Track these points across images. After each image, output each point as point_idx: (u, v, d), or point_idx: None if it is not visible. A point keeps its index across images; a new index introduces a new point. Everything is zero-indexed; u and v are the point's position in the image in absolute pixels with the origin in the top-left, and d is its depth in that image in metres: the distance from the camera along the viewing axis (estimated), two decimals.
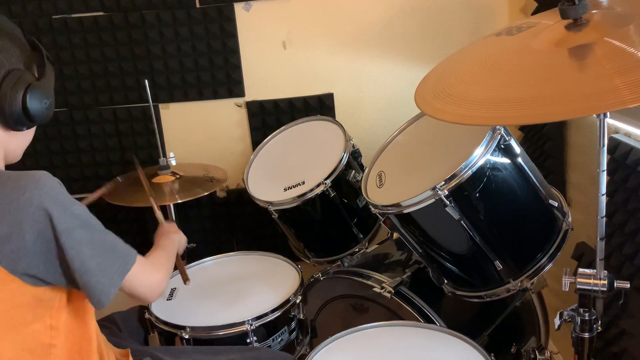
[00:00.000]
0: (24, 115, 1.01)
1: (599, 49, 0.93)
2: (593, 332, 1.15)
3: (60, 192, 0.97)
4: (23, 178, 0.95)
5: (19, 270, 0.94)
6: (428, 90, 1.12)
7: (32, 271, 0.95)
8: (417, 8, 2.09)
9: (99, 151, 2.28)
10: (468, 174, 1.28)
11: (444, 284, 1.53)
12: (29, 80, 1.01)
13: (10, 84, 0.98)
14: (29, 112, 1.00)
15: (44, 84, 1.04)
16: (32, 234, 0.94)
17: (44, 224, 0.94)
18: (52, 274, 0.98)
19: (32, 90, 1.00)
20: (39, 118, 1.03)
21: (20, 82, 1.00)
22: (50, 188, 0.96)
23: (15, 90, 0.99)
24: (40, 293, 0.98)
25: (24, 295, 0.97)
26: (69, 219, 0.97)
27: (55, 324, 1.02)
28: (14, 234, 0.93)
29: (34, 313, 0.99)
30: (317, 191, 1.69)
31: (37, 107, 1.01)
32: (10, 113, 0.99)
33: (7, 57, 0.99)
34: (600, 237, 1.10)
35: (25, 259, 0.94)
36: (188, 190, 1.85)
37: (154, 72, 2.18)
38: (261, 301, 1.56)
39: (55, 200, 0.95)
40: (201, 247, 2.08)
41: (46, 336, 1.01)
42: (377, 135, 2.16)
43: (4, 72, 0.99)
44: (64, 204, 0.97)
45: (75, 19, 2.14)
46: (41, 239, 0.95)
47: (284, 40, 2.15)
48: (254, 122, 2.23)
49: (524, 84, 0.96)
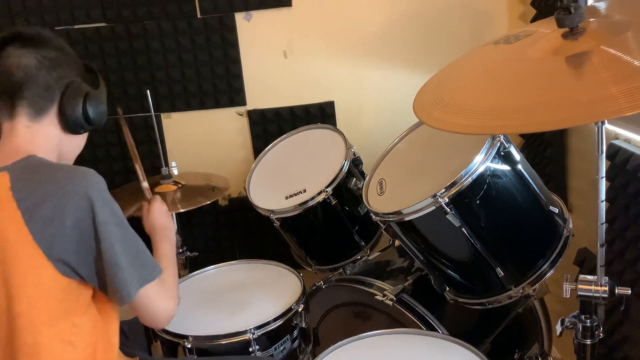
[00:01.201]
0: (83, 118, 1.15)
1: (595, 57, 0.94)
2: (595, 338, 1.15)
3: (104, 188, 1.07)
4: (74, 169, 1.07)
5: (54, 254, 1.00)
6: (426, 99, 1.13)
7: (66, 257, 1.01)
8: (416, 16, 2.10)
9: (102, 161, 2.30)
10: (468, 182, 1.28)
11: (446, 291, 1.53)
12: (87, 89, 1.17)
13: (72, 91, 1.14)
14: (88, 116, 1.15)
15: (99, 92, 1.20)
16: (72, 221, 1.01)
17: (85, 213, 1.02)
18: (83, 264, 1.03)
19: (91, 97, 1.16)
20: (96, 121, 1.17)
21: (80, 90, 1.15)
22: (96, 182, 1.05)
23: (76, 96, 1.14)
24: (68, 286, 1.03)
25: (54, 284, 1.02)
26: (108, 214, 1.05)
27: (78, 322, 1.07)
28: (56, 218, 1.00)
29: (61, 306, 1.04)
30: (318, 199, 1.69)
31: (94, 111, 1.16)
32: (71, 116, 1.14)
33: (69, 70, 1.15)
34: (600, 244, 1.10)
35: (62, 244, 1.01)
36: (190, 199, 1.86)
37: (155, 82, 2.19)
38: (263, 310, 1.56)
39: (99, 194, 1.04)
40: (203, 256, 2.09)
41: (68, 333, 1.05)
42: (378, 142, 2.15)
43: (67, 82, 1.14)
44: (106, 200, 1.06)
45: (78, 30, 2.16)
46: (79, 226, 1.02)
47: (284, 49, 2.16)
48: (255, 131, 2.24)
49: (522, 92, 0.97)
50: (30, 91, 1.09)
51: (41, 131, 1.12)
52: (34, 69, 1.09)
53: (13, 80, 1.08)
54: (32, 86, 1.09)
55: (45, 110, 1.12)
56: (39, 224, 1.00)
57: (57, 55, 1.13)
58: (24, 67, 1.08)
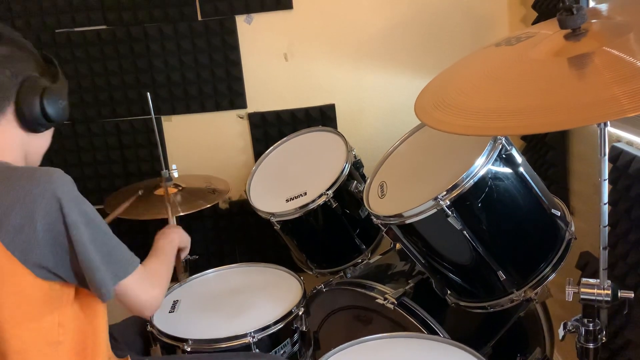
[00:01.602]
0: (41, 115, 1.09)
1: (598, 59, 0.93)
2: (598, 342, 1.14)
3: (71, 188, 1.03)
4: (38, 172, 1.02)
5: (30, 260, 0.98)
6: (428, 101, 1.12)
7: (43, 262, 0.99)
8: (417, 19, 2.10)
9: (102, 164, 2.29)
10: (470, 184, 1.28)
11: (447, 294, 1.53)
12: (44, 84, 1.10)
13: (28, 88, 1.08)
14: (46, 112, 1.09)
15: (58, 87, 1.13)
16: (44, 225, 0.98)
17: (55, 215, 0.99)
18: (61, 266, 1.02)
19: (48, 92, 1.10)
20: (56, 117, 1.11)
21: (37, 86, 1.09)
22: (63, 182, 1.01)
23: (32, 93, 1.08)
24: (50, 288, 1.02)
25: (35, 289, 1.00)
26: (77, 214, 1.02)
27: (63, 321, 1.05)
28: (26, 224, 0.97)
29: (44, 309, 1.02)
30: (319, 202, 1.68)
31: (53, 107, 1.10)
32: (30, 115, 1.08)
33: (25, 66, 1.09)
34: (603, 247, 1.09)
35: (37, 250, 0.99)
36: (190, 202, 1.85)
37: (156, 85, 2.19)
38: (264, 313, 1.55)
39: (67, 194, 1.01)
40: (204, 259, 2.08)
41: (54, 333, 1.04)
42: (379, 145, 2.16)
43: (22, 79, 1.08)
44: (74, 199, 1.02)
45: (78, 32, 2.16)
46: (52, 230, 0.99)
47: (285, 52, 2.16)
48: (255, 134, 2.24)
49: (524, 94, 0.97)
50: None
51: (1, 133, 1.07)
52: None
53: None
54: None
55: (1, 110, 1.06)
56: (10, 233, 0.97)
57: (10, 51, 1.07)
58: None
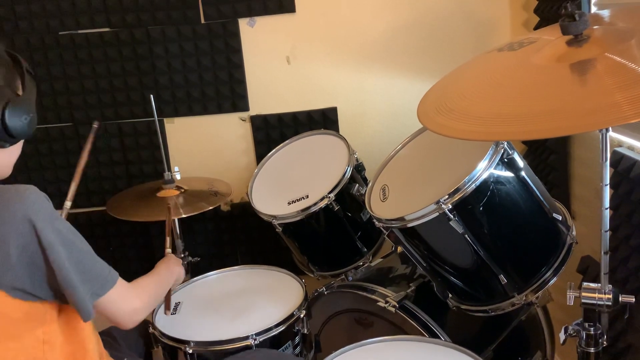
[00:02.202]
0: (4, 132, 0.98)
1: (600, 65, 0.94)
2: (599, 346, 1.15)
3: (44, 206, 0.98)
4: (7, 192, 0.96)
5: (5, 283, 0.95)
6: (430, 106, 1.13)
7: (18, 285, 0.96)
8: (420, 23, 2.11)
9: (105, 165, 2.30)
10: (472, 188, 1.28)
11: (449, 298, 1.53)
12: (7, 97, 0.98)
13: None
14: (8, 129, 0.98)
15: (24, 99, 1.01)
16: (17, 248, 0.94)
17: (28, 237, 0.95)
18: (39, 287, 0.98)
19: (11, 107, 0.98)
20: (19, 134, 1.01)
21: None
22: (33, 202, 0.96)
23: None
24: (30, 308, 0.99)
25: (14, 310, 0.97)
26: (52, 233, 0.97)
27: (48, 338, 1.02)
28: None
29: (25, 328, 0.99)
30: (320, 205, 1.69)
31: (16, 123, 0.99)
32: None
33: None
34: (604, 251, 1.10)
35: (11, 273, 0.95)
36: (192, 205, 1.86)
37: (159, 87, 2.20)
38: (265, 315, 1.56)
39: (39, 214, 0.96)
40: (205, 261, 2.09)
41: (39, 350, 1.01)
42: (381, 148, 2.16)
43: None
44: (47, 219, 0.97)
45: (82, 35, 2.17)
46: (26, 252, 0.95)
47: (287, 55, 2.17)
48: (258, 136, 2.24)
49: (526, 99, 0.97)
50: None
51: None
52: None
53: None
54: None
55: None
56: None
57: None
58: None
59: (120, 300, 1.10)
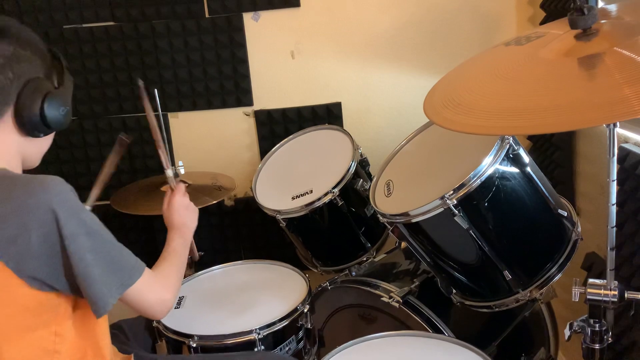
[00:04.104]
0: (41, 122, 1.04)
1: (608, 59, 0.93)
2: (604, 343, 1.14)
3: (69, 197, 0.98)
4: (33, 182, 0.98)
5: (24, 272, 0.95)
6: (437, 100, 1.12)
7: (37, 274, 0.96)
8: (425, 18, 2.10)
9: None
10: (477, 184, 1.28)
11: (453, 293, 1.53)
12: (47, 89, 1.05)
13: (30, 92, 1.02)
14: (46, 119, 1.04)
15: (61, 92, 1.08)
16: (39, 237, 0.95)
17: (50, 227, 0.96)
18: (56, 278, 0.99)
19: (50, 98, 1.04)
20: (56, 125, 1.06)
21: (39, 90, 1.03)
22: (58, 192, 0.97)
23: (33, 98, 1.03)
24: (45, 298, 0.99)
25: (30, 299, 0.98)
26: (75, 224, 0.98)
27: (60, 330, 1.03)
28: (20, 235, 0.94)
29: (39, 319, 1.00)
30: (325, 200, 1.69)
31: (54, 114, 1.05)
32: (28, 120, 1.03)
33: (28, 67, 1.03)
34: (610, 247, 1.09)
35: (31, 262, 0.96)
36: (196, 199, 1.85)
37: (163, 82, 2.20)
38: (269, 310, 1.56)
39: (63, 204, 0.97)
40: (209, 256, 2.08)
41: (50, 342, 1.02)
42: (385, 144, 2.16)
43: (24, 81, 1.02)
44: (72, 209, 0.98)
45: (86, 28, 2.17)
46: (47, 242, 0.96)
47: (292, 49, 2.16)
48: (262, 131, 2.24)
49: (533, 93, 0.96)
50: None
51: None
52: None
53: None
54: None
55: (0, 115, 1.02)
56: (2, 243, 0.94)
57: (14, 51, 1.01)
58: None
59: (148, 291, 1.11)
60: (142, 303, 1.11)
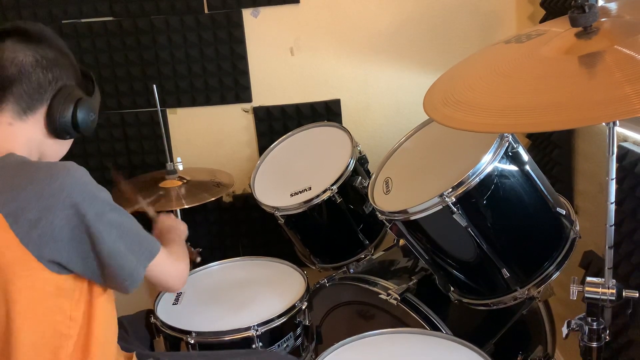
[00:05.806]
0: (70, 125, 1.12)
1: (609, 57, 0.93)
2: (601, 341, 1.15)
3: (88, 179, 1.03)
4: (55, 167, 1.02)
5: (45, 256, 0.98)
6: (437, 97, 1.12)
7: (57, 258, 0.99)
8: (425, 15, 2.10)
9: (107, 155, 2.29)
10: (476, 181, 1.28)
11: (451, 291, 1.53)
12: (80, 95, 1.14)
13: (64, 95, 1.11)
14: (77, 122, 1.12)
15: (92, 100, 1.17)
16: (61, 220, 0.98)
17: (73, 210, 0.99)
18: (76, 262, 1.02)
19: (82, 104, 1.13)
20: (84, 129, 1.14)
21: (73, 96, 1.12)
22: (80, 176, 1.02)
23: (67, 101, 1.11)
24: (62, 282, 1.02)
25: (48, 283, 1.00)
26: (99, 204, 1.02)
27: (75, 315, 1.05)
28: (42, 219, 0.97)
29: (55, 303, 1.03)
30: (323, 197, 1.68)
31: (83, 118, 1.13)
32: (60, 121, 1.11)
33: (65, 73, 1.12)
34: (609, 246, 1.09)
35: (52, 245, 0.98)
36: (195, 195, 1.85)
37: (162, 77, 2.19)
38: (267, 307, 1.56)
39: (85, 188, 1.01)
40: (207, 252, 2.08)
41: (65, 326, 1.04)
42: (384, 141, 2.16)
43: (60, 85, 1.11)
44: (93, 191, 1.03)
45: (85, 24, 2.16)
46: (69, 225, 0.99)
47: (291, 46, 2.16)
48: (260, 128, 2.24)
49: (534, 91, 0.96)
50: (20, 88, 1.06)
51: (24, 130, 1.08)
52: (29, 67, 1.06)
53: (4, 74, 1.05)
54: (24, 83, 1.06)
55: (32, 110, 1.08)
56: (24, 227, 0.97)
57: (55, 56, 1.10)
58: (19, 63, 1.05)
59: (168, 263, 1.17)
60: (165, 275, 1.17)
